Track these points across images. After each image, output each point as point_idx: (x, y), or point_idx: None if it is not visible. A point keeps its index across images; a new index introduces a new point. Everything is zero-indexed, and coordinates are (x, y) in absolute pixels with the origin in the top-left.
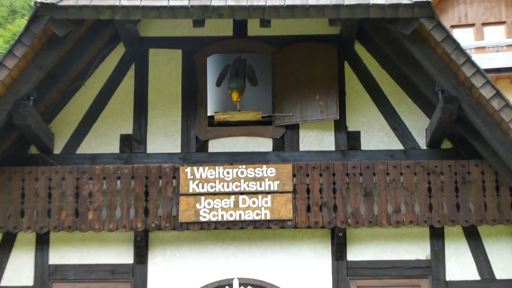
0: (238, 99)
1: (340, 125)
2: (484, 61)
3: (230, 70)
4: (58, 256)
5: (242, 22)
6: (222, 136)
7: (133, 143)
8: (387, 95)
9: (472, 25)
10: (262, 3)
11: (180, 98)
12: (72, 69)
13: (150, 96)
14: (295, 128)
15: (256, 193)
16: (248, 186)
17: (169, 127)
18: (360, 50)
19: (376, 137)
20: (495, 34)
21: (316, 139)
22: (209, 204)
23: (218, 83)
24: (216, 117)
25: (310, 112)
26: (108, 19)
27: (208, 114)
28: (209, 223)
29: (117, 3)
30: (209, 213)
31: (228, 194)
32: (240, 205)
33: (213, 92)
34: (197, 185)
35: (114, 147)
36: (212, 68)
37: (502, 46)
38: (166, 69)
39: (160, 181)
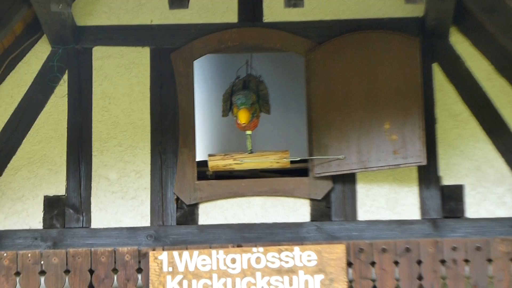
0: (249, 127)
1: (428, 175)
2: None
3: (236, 84)
4: None
5: (253, 1)
6: (223, 197)
7: (66, 211)
8: (510, 123)
9: None
10: None
11: (149, 130)
12: None
13: (95, 127)
14: (349, 180)
15: None
16: (270, 284)
17: (130, 181)
18: (460, 43)
19: (492, 195)
20: None
21: (387, 201)
22: None
23: (225, 112)
24: (211, 164)
25: (375, 154)
26: None
27: (197, 159)
28: None
29: None
30: None
31: None
32: None
33: (205, 121)
34: (180, 283)
35: (33, 219)
36: (203, 78)
37: None
38: (123, 80)
39: (116, 276)
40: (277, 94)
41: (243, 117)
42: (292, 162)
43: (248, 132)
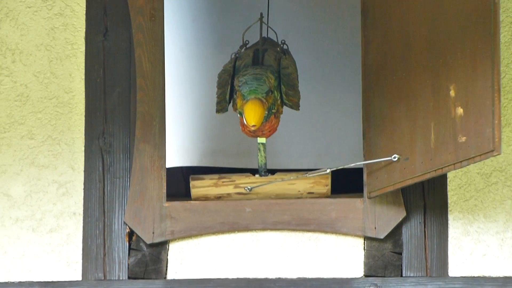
0: (262, 132)
1: None
2: None
3: (241, 56)
4: None
5: None
6: (211, 231)
7: None
8: None
9: None
10: None
11: (83, 111)
12: None
13: None
14: (434, 205)
15: None
16: None
17: (48, 201)
18: None
19: None
20: None
21: (501, 243)
22: None
23: (222, 105)
24: (196, 193)
25: (440, 144)
26: None
27: (168, 164)
28: None
29: None
30: None
31: None
32: None
33: (183, 96)
34: None
35: None
36: (181, 21)
37: None
38: (38, 21)
39: None
40: (313, 64)
41: (252, 115)
42: (335, 176)
43: (261, 140)
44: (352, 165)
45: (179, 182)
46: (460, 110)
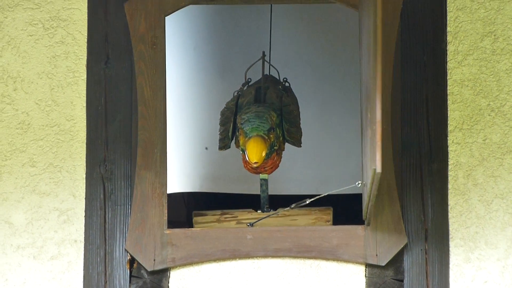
0: (264, 169)
1: None
2: None
3: (244, 94)
4: None
5: None
6: (212, 259)
7: None
8: None
9: None
10: None
11: (84, 139)
12: None
13: None
14: (436, 232)
15: None
16: None
17: (49, 229)
18: None
19: None
20: None
21: (503, 270)
22: None
23: (225, 142)
24: (197, 228)
25: None
26: None
27: (170, 189)
28: None
29: None
30: None
31: None
32: None
33: (186, 123)
34: None
35: None
36: (183, 47)
37: None
38: (39, 48)
39: None
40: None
41: (254, 152)
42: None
43: (263, 176)
44: (325, 194)
45: (180, 208)
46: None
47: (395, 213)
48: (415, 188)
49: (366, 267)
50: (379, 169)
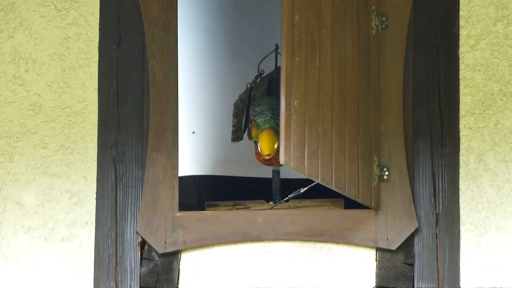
0: (277, 160)
1: None
2: None
3: (257, 86)
4: None
5: None
6: (223, 242)
7: None
8: None
9: None
10: None
11: (95, 121)
12: None
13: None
14: (444, 216)
15: None
16: None
17: (60, 211)
18: None
19: None
20: None
21: None
22: None
23: (238, 134)
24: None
25: None
26: None
27: (181, 173)
28: None
29: None
30: None
31: None
32: None
33: (197, 105)
34: None
35: None
36: (195, 31)
37: None
38: (51, 30)
39: None
40: None
41: (267, 144)
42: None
43: (276, 168)
44: (305, 188)
45: (191, 191)
46: None
47: (406, 197)
48: (426, 173)
49: (376, 251)
50: (282, 161)
